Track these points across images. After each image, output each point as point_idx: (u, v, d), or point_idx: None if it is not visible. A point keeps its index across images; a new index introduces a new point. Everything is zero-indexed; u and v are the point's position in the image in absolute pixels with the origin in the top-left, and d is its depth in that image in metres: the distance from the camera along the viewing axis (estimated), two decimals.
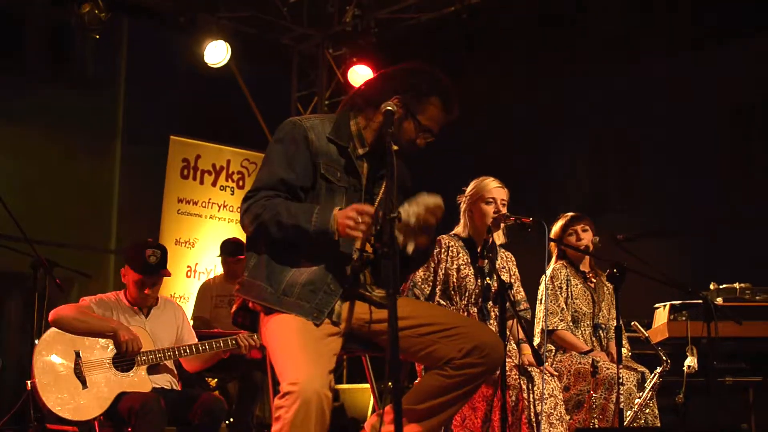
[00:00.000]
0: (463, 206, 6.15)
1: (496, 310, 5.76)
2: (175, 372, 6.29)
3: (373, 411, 6.99)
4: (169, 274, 6.44)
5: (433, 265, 5.94)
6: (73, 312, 5.99)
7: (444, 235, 6.08)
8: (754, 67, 9.75)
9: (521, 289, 6.27)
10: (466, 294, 5.90)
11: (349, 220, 3.97)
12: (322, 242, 4.07)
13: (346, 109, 4.44)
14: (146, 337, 6.08)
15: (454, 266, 5.94)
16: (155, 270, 6.26)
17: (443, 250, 5.98)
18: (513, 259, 6.30)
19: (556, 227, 6.97)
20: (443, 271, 5.93)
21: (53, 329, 5.99)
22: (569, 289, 6.78)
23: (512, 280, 6.17)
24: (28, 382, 6.06)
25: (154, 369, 6.09)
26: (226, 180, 11.44)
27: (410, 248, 4.15)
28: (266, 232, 4.09)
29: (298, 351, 3.92)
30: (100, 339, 5.99)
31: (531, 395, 5.58)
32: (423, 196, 4.11)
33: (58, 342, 5.95)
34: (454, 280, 5.92)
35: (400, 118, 4.23)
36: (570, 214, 7.00)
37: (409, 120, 4.25)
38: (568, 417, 5.93)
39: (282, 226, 4.06)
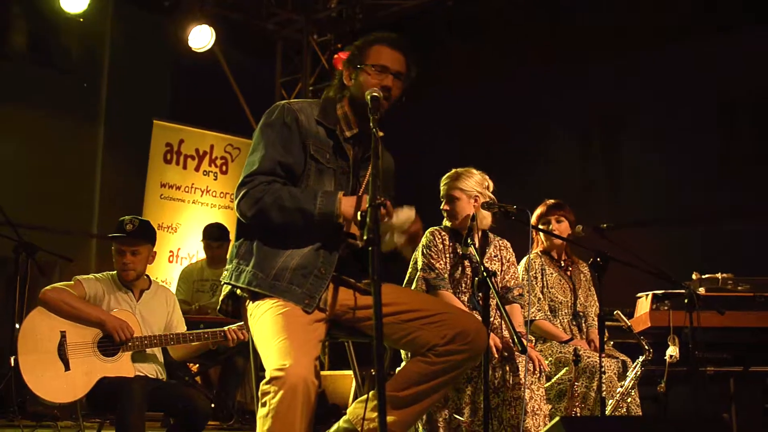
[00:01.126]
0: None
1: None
2: (162, 362, 6.22)
3: (356, 397, 6.98)
4: (151, 236, 6.31)
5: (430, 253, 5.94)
6: (62, 295, 5.94)
7: (435, 228, 6.07)
8: (750, 60, 9.74)
9: (517, 275, 6.26)
10: (453, 283, 5.90)
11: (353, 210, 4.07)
12: (323, 226, 4.10)
13: (330, 94, 4.45)
14: (134, 322, 6.01)
15: (445, 257, 5.94)
16: (130, 235, 6.16)
17: (436, 241, 5.97)
18: (508, 246, 6.28)
19: (535, 215, 6.95)
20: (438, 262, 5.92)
21: (40, 307, 5.95)
22: (544, 279, 6.78)
23: (506, 267, 6.16)
24: (12, 358, 6.02)
25: (140, 357, 6.02)
26: (210, 165, 11.41)
27: (398, 240, 4.18)
28: (267, 216, 4.10)
29: (284, 337, 3.90)
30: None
31: (513, 378, 5.59)
32: (399, 211, 4.16)
33: (44, 321, 5.87)
34: (444, 270, 5.91)
35: (354, 77, 4.35)
36: (550, 202, 6.98)
37: (359, 71, 4.34)
38: (549, 407, 5.93)
39: (284, 209, 4.08)
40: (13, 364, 6.01)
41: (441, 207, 6.09)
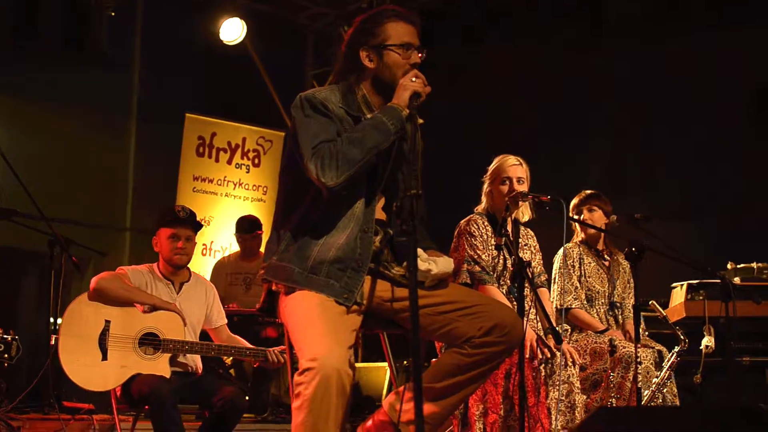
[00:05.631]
0: (485, 186, 6.10)
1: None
2: (200, 356, 6.26)
3: (390, 389, 6.98)
4: (200, 226, 6.68)
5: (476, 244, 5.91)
6: (116, 282, 6.02)
7: (476, 215, 6.04)
8: None
9: (540, 262, 6.23)
10: (495, 274, 5.87)
11: (418, 80, 4.15)
12: (397, 127, 4.11)
13: (344, 81, 4.45)
14: (179, 324, 6.03)
15: (489, 248, 5.90)
16: (185, 222, 6.37)
17: (480, 230, 5.94)
18: (533, 235, 6.26)
19: (571, 205, 6.91)
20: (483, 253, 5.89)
21: (91, 295, 5.97)
22: (582, 268, 6.74)
23: (533, 256, 6.14)
24: (54, 337, 6.06)
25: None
26: (242, 158, 11.42)
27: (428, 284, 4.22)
28: (347, 160, 4.02)
29: (317, 327, 3.91)
30: (133, 313, 5.95)
31: (548, 380, 5.57)
32: (439, 259, 4.23)
33: (91, 306, 5.91)
34: (487, 260, 5.88)
35: (381, 59, 4.31)
36: (586, 192, 6.95)
37: (386, 53, 4.30)
38: (585, 397, 5.91)
39: (360, 141, 4.06)
40: (53, 343, 6.04)
41: (495, 187, 6.03)
